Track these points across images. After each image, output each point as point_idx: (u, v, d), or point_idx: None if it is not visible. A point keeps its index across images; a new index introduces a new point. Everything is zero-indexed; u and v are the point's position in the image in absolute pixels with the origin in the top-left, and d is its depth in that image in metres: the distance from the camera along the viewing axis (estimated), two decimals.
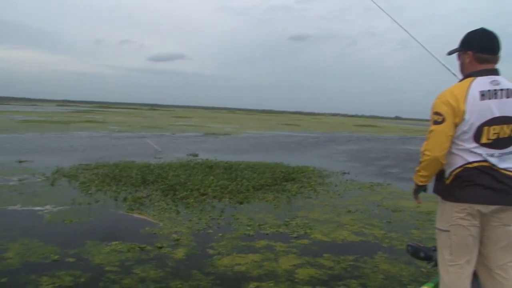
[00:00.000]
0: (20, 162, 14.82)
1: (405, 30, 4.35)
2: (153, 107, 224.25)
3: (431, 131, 3.27)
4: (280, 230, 7.73)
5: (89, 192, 10.25)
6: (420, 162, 3.47)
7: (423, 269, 6.03)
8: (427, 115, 3.30)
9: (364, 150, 27.01)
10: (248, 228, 7.76)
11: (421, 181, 3.55)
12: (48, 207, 8.78)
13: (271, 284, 5.34)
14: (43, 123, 38.88)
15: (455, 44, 3.47)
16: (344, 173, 15.49)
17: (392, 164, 19.67)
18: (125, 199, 9.56)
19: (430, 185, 3.60)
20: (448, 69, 3.87)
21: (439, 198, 3.44)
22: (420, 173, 3.52)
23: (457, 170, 3.24)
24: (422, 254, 3.71)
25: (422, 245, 3.81)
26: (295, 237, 7.35)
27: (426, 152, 3.35)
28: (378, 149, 28.45)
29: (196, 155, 18.78)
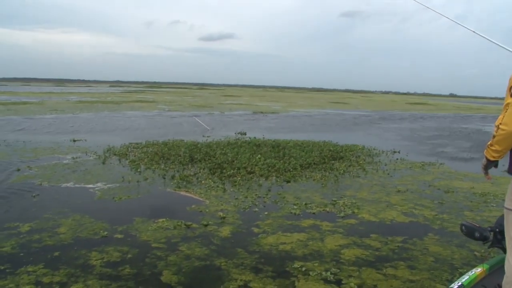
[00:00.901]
0: (74, 141, 15.48)
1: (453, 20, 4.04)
2: (202, 86, 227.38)
3: (508, 104, 2.98)
4: (327, 209, 7.59)
5: (138, 170, 10.51)
6: (494, 136, 3.18)
7: (476, 253, 5.71)
8: (486, 92, 3.05)
9: (415, 128, 26.04)
10: (294, 207, 7.67)
11: (493, 156, 3.27)
12: (99, 184, 9.08)
13: (316, 264, 5.24)
14: (96, 103, 40.47)
15: None
16: (395, 152, 15.05)
17: (445, 143, 18.83)
18: (172, 177, 9.71)
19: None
20: (506, 48, 3.54)
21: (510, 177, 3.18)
22: (493, 148, 3.24)
23: None
24: (477, 234, 3.47)
25: (477, 225, 3.56)
26: (342, 217, 7.19)
27: (501, 126, 3.05)
28: (431, 127, 27.32)
29: (244, 134, 18.82)
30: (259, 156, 12.01)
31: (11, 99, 43.00)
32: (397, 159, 13.46)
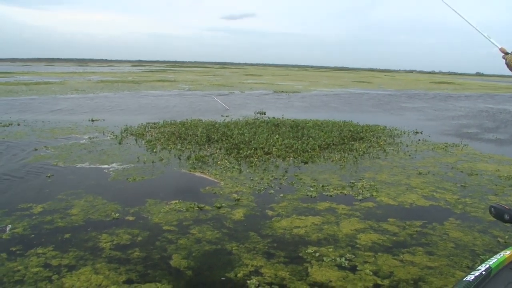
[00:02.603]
0: (93, 121, 15.57)
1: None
2: (224, 65, 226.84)
3: None
4: (345, 192, 7.41)
5: (154, 150, 10.49)
6: None
7: (499, 239, 5.44)
8: None
9: (439, 108, 25.32)
10: (311, 189, 7.51)
11: None
12: (114, 165, 9.08)
13: (330, 249, 5.09)
14: (117, 83, 40.73)
15: None
16: (417, 132, 14.68)
17: (470, 123, 18.23)
18: (188, 158, 9.66)
19: None
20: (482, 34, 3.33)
21: None
22: None
23: None
24: (506, 217, 3.25)
25: (507, 207, 3.33)
26: (360, 200, 7.00)
27: None
28: (455, 107, 26.54)
29: (264, 113, 18.69)
30: (277, 136, 11.88)
31: (34, 79, 43.65)
32: (419, 140, 13.11)
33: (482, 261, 2.72)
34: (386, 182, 8.12)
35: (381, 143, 12.10)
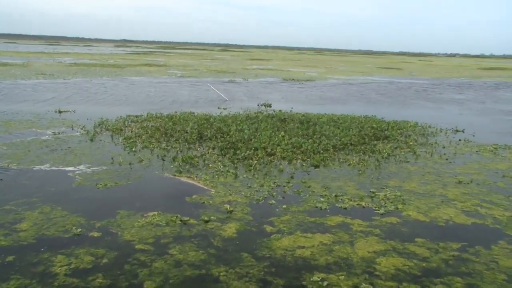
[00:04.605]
0: (60, 112, 15.45)
1: None
2: (225, 47, 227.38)
3: None
4: (362, 203, 7.22)
5: (133, 149, 10.35)
6: None
7: None
8: None
9: (487, 101, 25.03)
10: (321, 199, 7.34)
11: None
12: (81, 167, 8.91)
13: (342, 277, 4.87)
14: (95, 66, 40.79)
15: None
16: (457, 130, 14.45)
17: None
18: (174, 159, 9.51)
19: None
20: None
21: None
22: None
23: None
24: None
25: None
26: (381, 214, 6.79)
27: None
28: (510, 99, 26.21)
29: (269, 106, 18.62)
30: (282, 133, 11.75)
31: None
32: (459, 140, 12.88)
33: None
34: (415, 192, 7.92)
35: (411, 143, 11.89)
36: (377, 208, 7.03)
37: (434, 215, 6.83)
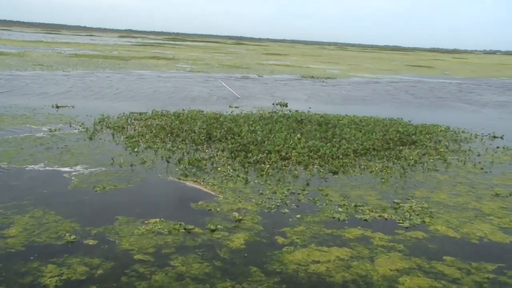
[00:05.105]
0: (57, 107, 15.56)
1: None
2: (239, 40, 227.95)
3: None
4: (385, 215, 7.17)
5: (136, 149, 10.38)
6: None
7: None
8: None
9: None
10: (339, 209, 7.31)
11: None
12: (78, 168, 8.94)
13: None
14: (97, 58, 41.12)
15: None
16: (495, 136, 14.34)
17: None
18: (179, 161, 9.53)
19: None
20: None
21: None
22: None
23: None
24: None
25: None
26: (406, 228, 6.74)
27: None
28: None
29: (285, 105, 18.63)
30: (299, 136, 11.73)
31: None
32: (497, 147, 12.77)
33: None
34: (445, 204, 7.86)
35: (441, 149, 11.81)
36: (401, 221, 6.98)
37: (466, 231, 6.75)
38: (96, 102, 17.17)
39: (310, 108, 17.58)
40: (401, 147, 11.74)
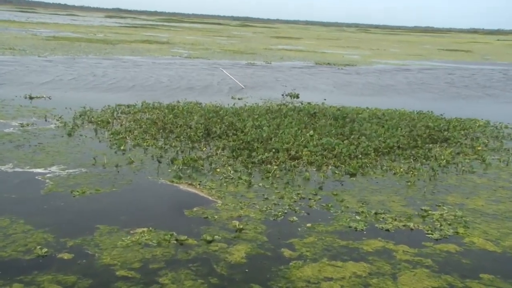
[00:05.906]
0: (31, 98, 15.66)
1: None
2: (245, 22, 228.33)
3: None
4: (411, 224, 7.14)
5: (122, 148, 10.41)
6: None
7: None
8: None
9: None
10: (357, 217, 7.30)
11: None
12: (54, 169, 8.97)
13: None
14: (79, 41, 41.33)
15: None
16: None
17: None
18: (173, 161, 9.55)
19: None
20: None
21: None
22: None
23: None
24: None
25: None
26: (435, 240, 6.71)
27: None
28: None
29: (296, 96, 18.69)
30: (311, 132, 11.73)
31: None
32: None
33: None
34: (483, 212, 7.83)
35: (479, 148, 11.78)
36: (429, 232, 6.95)
37: (508, 245, 6.71)
38: (77, 93, 17.29)
39: (325, 100, 17.62)
40: (430, 145, 11.74)
